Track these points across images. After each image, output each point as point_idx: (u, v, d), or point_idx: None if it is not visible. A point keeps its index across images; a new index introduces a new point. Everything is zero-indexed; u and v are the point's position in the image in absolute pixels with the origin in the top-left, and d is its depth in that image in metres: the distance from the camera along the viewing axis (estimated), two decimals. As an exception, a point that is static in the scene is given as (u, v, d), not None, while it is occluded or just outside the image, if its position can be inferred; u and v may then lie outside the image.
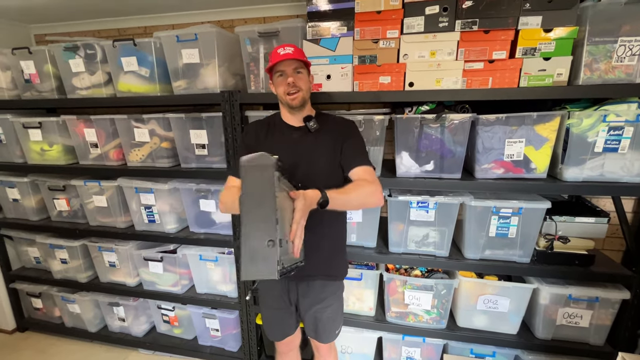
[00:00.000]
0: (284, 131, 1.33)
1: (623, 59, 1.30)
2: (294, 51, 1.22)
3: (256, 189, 0.88)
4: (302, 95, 1.25)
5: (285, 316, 1.45)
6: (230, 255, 1.91)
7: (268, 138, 1.34)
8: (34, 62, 1.91)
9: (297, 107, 1.27)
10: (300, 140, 1.30)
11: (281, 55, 1.20)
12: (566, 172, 1.44)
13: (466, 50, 1.40)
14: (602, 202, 1.83)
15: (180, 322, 2.19)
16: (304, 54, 1.27)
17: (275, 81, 1.27)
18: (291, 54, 1.20)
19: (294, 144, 1.30)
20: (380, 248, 1.75)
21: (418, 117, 1.50)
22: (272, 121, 1.39)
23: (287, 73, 1.23)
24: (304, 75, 1.26)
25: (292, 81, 1.22)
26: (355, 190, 1.17)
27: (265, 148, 1.29)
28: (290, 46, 1.24)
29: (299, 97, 1.24)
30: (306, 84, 1.27)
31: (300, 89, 1.24)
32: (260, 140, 1.34)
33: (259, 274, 0.86)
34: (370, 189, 1.19)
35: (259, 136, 1.35)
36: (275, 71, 1.25)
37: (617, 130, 1.36)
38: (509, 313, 1.65)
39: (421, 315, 1.74)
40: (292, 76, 1.22)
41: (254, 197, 0.88)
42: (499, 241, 1.59)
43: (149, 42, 1.71)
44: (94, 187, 2.01)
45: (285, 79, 1.23)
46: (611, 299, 1.53)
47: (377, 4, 1.44)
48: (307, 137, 1.30)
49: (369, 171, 1.26)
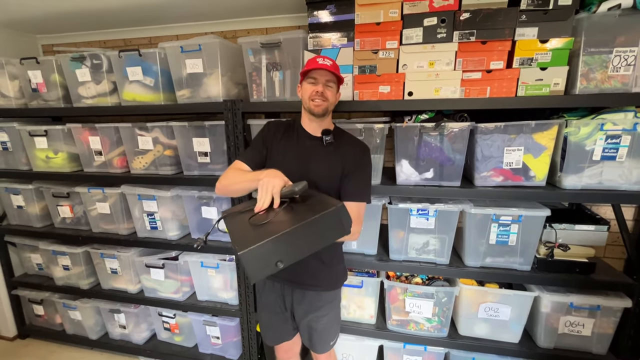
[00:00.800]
0: (299, 136, 1.36)
1: (619, 68, 1.33)
2: (332, 64, 1.25)
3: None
4: (327, 106, 1.28)
5: (281, 321, 1.46)
6: (231, 262, 1.91)
7: (283, 139, 1.37)
8: (42, 71, 1.95)
9: (318, 115, 1.29)
10: (312, 149, 1.33)
11: (319, 64, 1.23)
12: (565, 180, 1.45)
13: (464, 61, 1.43)
14: (602, 210, 1.84)
15: (180, 330, 2.19)
16: (339, 70, 1.30)
17: (305, 86, 1.29)
18: (328, 66, 1.23)
19: (305, 150, 1.33)
20: (381, 255, 1.76)
21: (417, 126, 1.52)
22: (291, 125, 1.42)
23: (319, 82, 1.26)
24: (333, 89, 1.29)
25: (321, 90, 1.25)
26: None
27: (278, 148, 1.35)
28: (329, 59, 1.27)
29: (322, 106, 1.27)
30: (333, 97, 1.30)
31: (326, 99, 1.27)
32: (277, 138, 1.37)
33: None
34: (354, 230, 1.23)
35: (277, 135, 1.38)
36: (308, 77, 1.28)
37: (615, 139, 1.37)
38: (511, 321, 1.64)
39: (422, 324, 1.73)
40: (323, 86, 1.26)
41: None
42: (499, 249, 1.59)
43: (154, 52, 1.75)
44: (97, 194, 2.04)
45: (315, 87, 1.26)
46: (613, 308, 1.53)
47: (376, 16, 1.47)
48: (319, 149, 1.32)
49: (360, 208, 1.30)
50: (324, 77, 1.25)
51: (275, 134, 1.38)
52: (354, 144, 1.36)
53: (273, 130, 1.40)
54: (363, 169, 1.33)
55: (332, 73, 1.24)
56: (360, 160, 1.33)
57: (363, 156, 1.34)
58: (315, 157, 1.31)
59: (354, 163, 1.31)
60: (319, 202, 1.05)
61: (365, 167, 1.34)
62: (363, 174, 1.33)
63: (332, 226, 1.00)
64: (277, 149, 1.35)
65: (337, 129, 1.41)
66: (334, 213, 0.98)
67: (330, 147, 1.32)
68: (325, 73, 1.24)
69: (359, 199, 1.29)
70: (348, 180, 1.30)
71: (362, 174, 1.33)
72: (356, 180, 1.30)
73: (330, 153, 1.32)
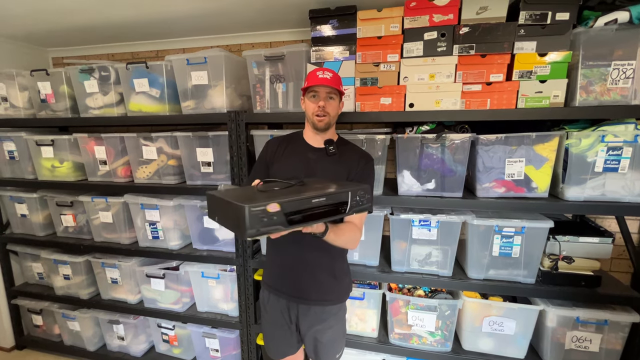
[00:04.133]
0: (301, 148, 1.38)
1: (617, 81, 1.34)
2: (332, 77, 1.26)
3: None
4: (329, 119, 1.30)
5: (286, 334, 1.43)
6: (232, 272, 1.90)
7: (285, 153, 1.39)
8: (51, 83, 2.01)
9: (321, 129, 1.32)
10: (315, 161, 1.34)
11: (319, 78, 1.25)
12: (567, 192, 1.45)
13: (464, 73, 1.45)
14: (606, 223, 1.82)
15: (179, 342, 2.15)
16: (340, 82, 1.31)
17: (307, 101, 1.32)
18: (328, 79, 1.24)
19: (308, 162, 1.34)
20: (383, 267, 1.74)
21: (419, 137, 1.54)
22: (292, 138, 1.43)
23: (320, 96, 1.28)
24: (334, 101, 1.30)
25: (322, 105, 1.27)
26: (348, 233, 1.25)
27: (281, 162, 1.36)
28: (330, 71, 1.28)
29: (325, 121, 1.29)
30: (335, 110, 1.31)
31: (328, 114, 1.29)
32: (278, 155, 1.39)
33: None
34: (356, 236, 1.29)
35: (277, 151, 1.40)
36: (310, 91, 1.30)
37: (616, 151, 1.38)
38: (516, 336, 1.61)
39: (425, 337, 1.70)
40: (324, 100, 1.27)
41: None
42: (503, 261, 1.58)
43: (161, 64, 1.80)
44: (100, 203, 2.05)
45: (317, 101, 1.28)
46: (621, 322, 1.49)
47: (378, 30, 1.51)
48: (322, 160, 1.34)
49: (362, 217, 1.33)
50: (325, 90, 1.27)
51: (277, 151, 1.40)
52: (358, 154, 1.37)
53: (272, 149, 1.41)
54: (367, 178, 1.34)
55: (332, 86, 1.26)
56: (364, 169, 1.34)
57: (366, 165, 1.35)
58: (320, 168, 1.32)
59: (358, 172, 1.32)
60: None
61: (369, 177, 1.35)
62: (366, 183, 1.33)
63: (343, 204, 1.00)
64: (280, 165, 1.37)
65: (341, 139, 1.43)
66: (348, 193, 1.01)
67: (334, 157, 1.33)
68: (326, 86, 1.26)
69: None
70: None
71: (366, 182, 1.32)
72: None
73: (334, 163, 1.33)
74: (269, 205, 0.86)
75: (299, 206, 0.92)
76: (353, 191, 1.02)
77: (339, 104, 1.35)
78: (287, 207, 0.90)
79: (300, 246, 1.33)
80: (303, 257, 1.34)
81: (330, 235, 1.16)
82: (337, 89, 1.27)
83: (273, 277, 1.43)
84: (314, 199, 0.94)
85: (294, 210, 0.91)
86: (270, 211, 0.86)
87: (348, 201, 1.02)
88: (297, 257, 1.35)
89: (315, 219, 0.97)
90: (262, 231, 0.87)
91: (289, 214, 0.91)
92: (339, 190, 1.01)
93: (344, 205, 1.01)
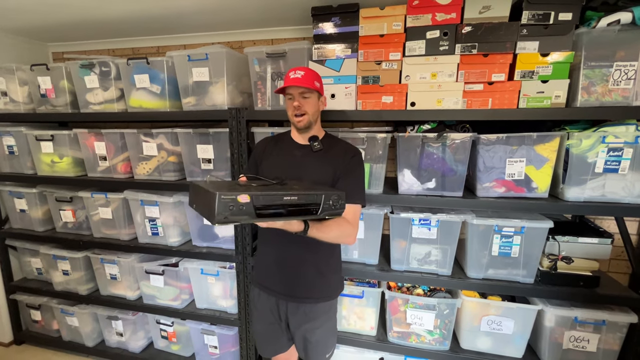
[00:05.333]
0: (289, 147, 1.39)
1: (619, 82, 1.34)
2: (303, 76, 1.24)
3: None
4: (308, 118, 1.30)
5: (277, 332, 1.43)
6: (231, 269, 1.90)
7: (273, 152, 1.41)
8: (51, 78, 2.00)
9: (302, 129, 1.33)
10: (302, 158, 1.35)
11: (290, 79, 1.24)
12: (567, 192, 1.45)
13: (466, 73, 1.45)
14: (605, 223, 1.83)
15: (178, 338, 2.15)
16: (313, 80, 1.27)
17: (286, 103, 1.33)
18: (299, 79, 1.23)
19: (295, 160, 1.35)
20: (382, 265, 1.75)
21: (420, 136, 1.53)
22: (281, 137, 1.46)
23: (294, 97, 1.27)
24: (310, 99, 1.29)
25: (297, 105, 1.27)
26: (336, 229, 1.22)
27: (269, 160, 1.38)
28: (301, 70, 1.26)
29: (304, 120, 1.29)
30: (312, 108, 1.30)
31: (305, 113, 1.28)
32: (267, 153, 1.41)
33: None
34: (347, 231, 1.26)
35: (266, 150, 1.43)
36: (286, 93, 1.30)
37: (617, 152, 1.38)
38: (514, 335, 1.61)
39: (423, 336, 1.70)
40: (298, 100, 1.27)
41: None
42: (502, 260, 1.58)
43: (162, 60, 1.79)
44: (100, 199, 2.05)
45: (292, 102, 1.28)
46: (618, 323, 1.50)
47: (380, 28, 1.51)
48: (309, 156, 1.34)
49: (355, 211, 1.30)
50: (298, 90, 1.26)
51: (265, 150, 1.42)
52: (343, 148, 1.37)
53: (261, 149, 1.44)
54: (354, 171, 1.33)
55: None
56: (350, 162, 1.33)
57: (353, 158, 1.34)
58: (306, 165, 1.33)
59: (345, 166, 1.31)
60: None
61: (356, 169, 1.33)
62: (354, 175, 1.32)
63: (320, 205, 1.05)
64: (268, 163, 1.39)
65: (327, 135, 1.43)
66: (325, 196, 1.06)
67: (319, 153, 1.34)
68: (298, 87, 1.25)
69: (353, 201, 1.28)
70: (340, 184, 1.30)
71: (354, 175, 1.32)
72: (348, 182, 1.30)
73: (320, 159, 1.33)
74: (240, 196, 0.91)
75: (269, 201, 0.97)
76: (327, 195, 1.06)
77: (318, 101, 1.32)
78: (257, 200, 0.94)
79: (284, 242, 1.33)
80: (288, 253, 1.35)
81: (313, 232, 1.15)
82: (309, 87, 1.25)
83: (261, 274, 1.44)
84: (286, 197, 0.99)
85: (264, 205, 0.95)
86: (240, 201, 0.91)
87: (320, 203, 1.05)
88: (282, 253, 1.35)
89: (284, 216, 1.00)
90: (231, 219, 0.91)
91: (259, 208, 0.95)
92: (312, 192, 1.04)
93: (315, 206, 1.05)
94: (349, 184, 1.29)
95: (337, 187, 1.30)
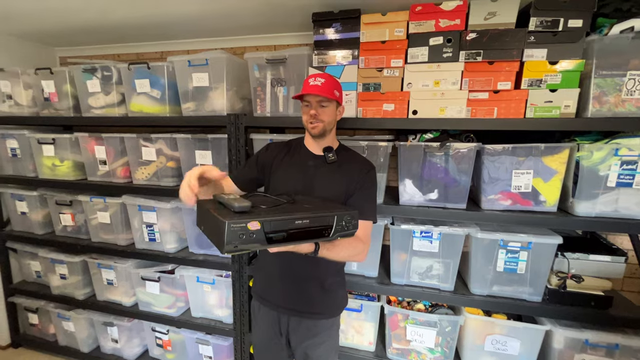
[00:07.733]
0: (302, 155, 1.34)
1: (633, 92, 1.28)
2: (323, 84, 1.20)
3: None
4: (323, 126, 1.24)
5: (277, 348, 1.38)
6: (227, 278, 1.86)
7: (285, 159, 1.34)
8: (54, 81, 2.01)
9: (317, 136, 1.27)
10: (315, 168, 1.29)
11: (309, 86, 1.20)
12: (578, 207, 1.37)
13: (470, 80, 1.40)
14: (618, 240, 1.74)
15: (173, 347, 2.11)
16: (333, 89, 1.22)
17: (302, 109, 1.28)
18: (319, 86, 1.19)
19: (308, 169, 1.30)
20: (382, 278, 1.68)
21: (422, 145, 1.48)
22: (294, 144, 1.40)
23: (311, 104, 1.23)
24: (328, 108, 1.24)
25: (313, 113, 1.22)
26: (347, 248, 1.18)
27: (280, 167, 1.33)
28: (322, 77, 1.21)
29: (318, 128, 1.24)
30: (329, 117, 1.25)
31: (321, 122, 1.24)
32: (278, 159, 1.35)
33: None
34: (359, 249, 1.21)
35: (278, 156, 1.36)
36: (303, 99, 1.26)
37: (631, 165, 1.30)
38: (520, 356, 1.53)
39: (424, 354, 1.63)
40: (315, 109, 1.22)
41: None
42: (508, 277, 1.51)
43: (162, 65, 1.78)
44: (99, 203, 2.04)
45: (309, 109, 1.24)
46: (633, 347, 1.41)
47: (382, 35, 1.47)
48: (322, 167, 1.29)
49: (367, 227, 1.26)
50: (316, 98, 1.22)
51: (277, 155, 1.35)
52: (359, 162, 1.32)
53: (274, 152, 1.37)
54: (368, 187, 1.28)
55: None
56: (365, 178, 1.28)
57: (368, 174, 1.29)
58: (319, 176, 1.28)
59: (359, 181, 1.27)
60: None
61: (370, 185, 1.29)
62: (368, 192, 1.28)
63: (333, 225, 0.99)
64: (280, 170, 1.32)
65: (342, 147, 1.38)
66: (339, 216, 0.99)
67: (333, 165, 1.29)
68: (316, 95, 1.21)
69: (365, 218, 1.24)
70: (353, 199, 1.26)
71: (367, 192, 1.28)
72: (361, 198, 1.26)
73: (334, 171, 1.28)
74: (250, 223, 0.85)
75: (281, 226, 0.91)
76: (339, 215, 1.00)
77: (336, 110, 1.28)
78: (268, 225, 0.88)
79: (287, 256, 1.27)
80: (290, 267, 1.29)
81: (323, 253, 1.10)
82: (328, 97, 1.21)
83: (262, 287, 1.39)
84: (297, 220, 0.93)
85: (275, 230, 0.90)
86: (250, 229, 0.85)
87: (333, 225, 0.99)
88: (285, 267, 1.30)
89: (296, 240, 0.94)
90: (241, 247, 0.85)
91: (270, 233, 0.89)
92: (324, 213, 0.98)
93: (328, 228, 0.99)
94: (362, 200, 1.25)
95: (349, 203, 1.26)
